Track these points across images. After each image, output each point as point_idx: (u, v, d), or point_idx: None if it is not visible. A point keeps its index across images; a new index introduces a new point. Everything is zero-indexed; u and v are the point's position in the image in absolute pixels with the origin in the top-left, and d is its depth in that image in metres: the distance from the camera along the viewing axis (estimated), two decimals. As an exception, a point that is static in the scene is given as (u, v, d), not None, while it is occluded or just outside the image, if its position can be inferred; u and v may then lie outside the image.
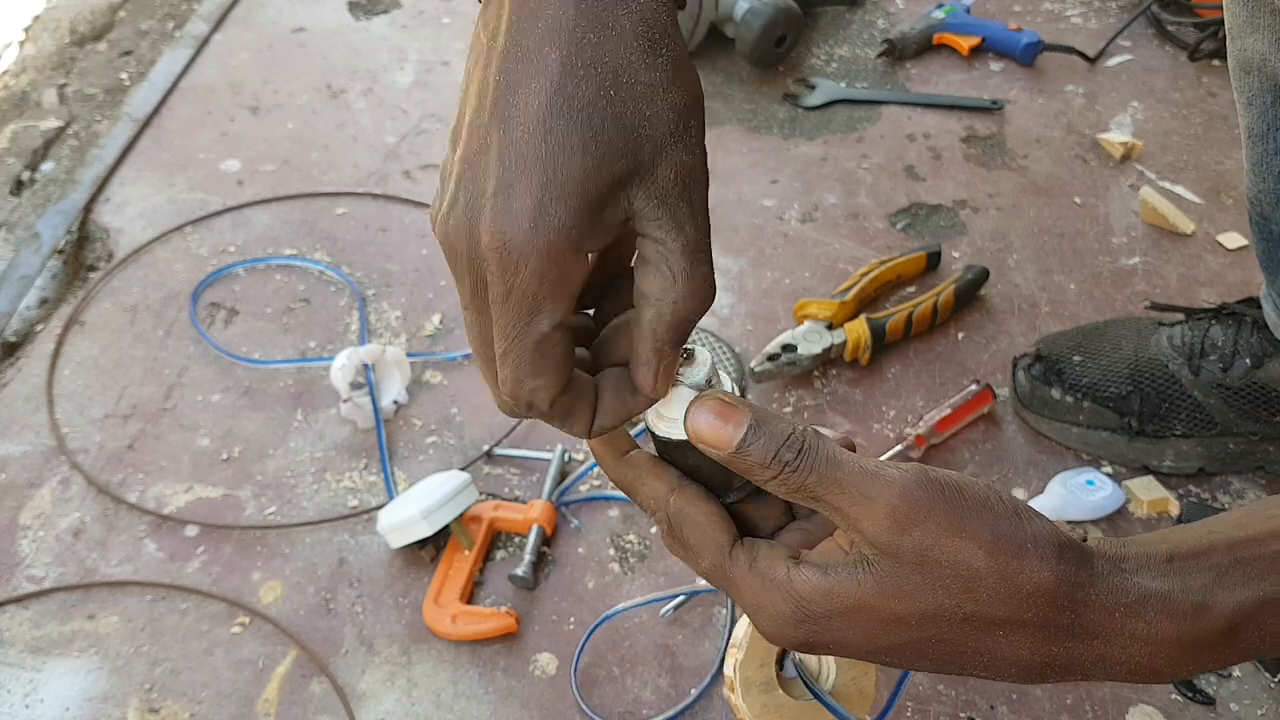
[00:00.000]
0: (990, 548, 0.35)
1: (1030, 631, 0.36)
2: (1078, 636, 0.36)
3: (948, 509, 0.35)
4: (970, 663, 0.37)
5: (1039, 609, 0.35)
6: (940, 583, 0.35)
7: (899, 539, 0.35)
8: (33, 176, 1.21)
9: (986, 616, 0.36)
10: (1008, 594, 0.35)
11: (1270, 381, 0.86)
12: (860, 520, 0.36)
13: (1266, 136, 0.77)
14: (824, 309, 1.00)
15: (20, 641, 0.80)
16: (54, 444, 0.92)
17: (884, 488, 0.36)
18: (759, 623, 0.39)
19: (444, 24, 1.45)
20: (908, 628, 0.37)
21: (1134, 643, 0.36)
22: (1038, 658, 0.37)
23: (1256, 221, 0.83)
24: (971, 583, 0.35)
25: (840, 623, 0.37)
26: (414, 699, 0.77)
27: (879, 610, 0.36)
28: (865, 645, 0.38)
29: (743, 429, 0.37)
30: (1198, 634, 0.36)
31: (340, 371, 0.91)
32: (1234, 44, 0.77)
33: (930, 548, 0.35)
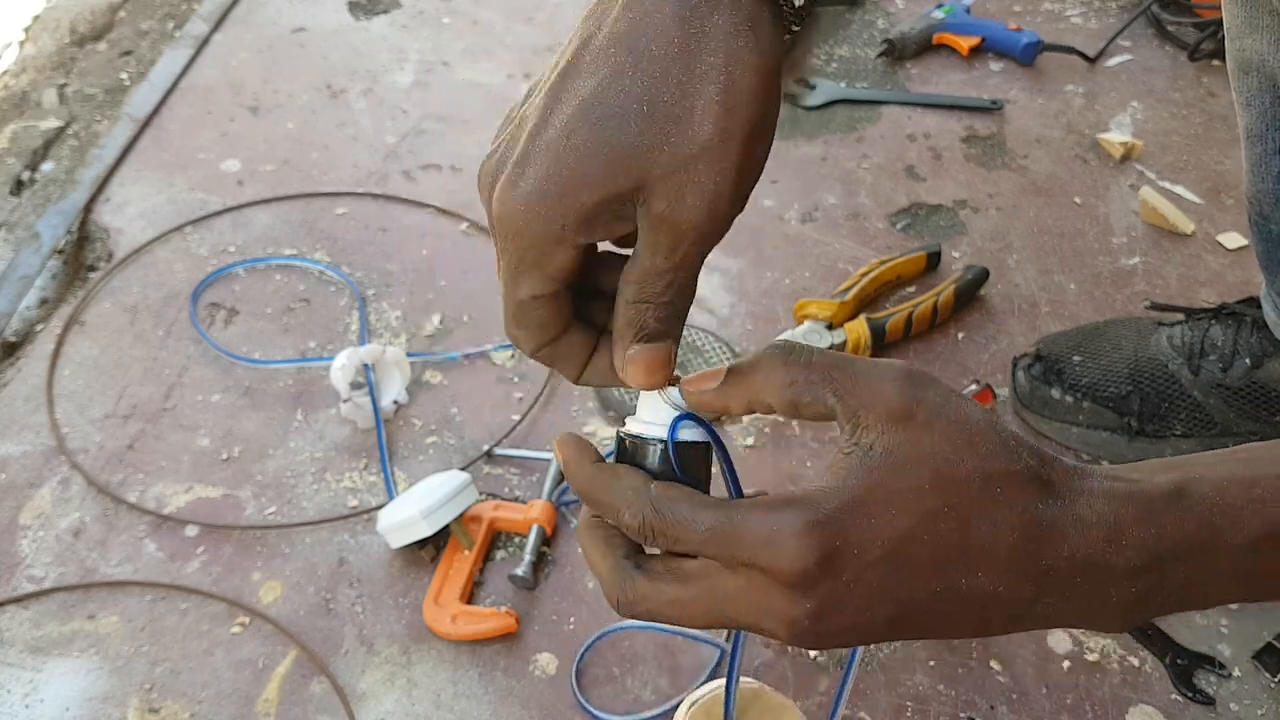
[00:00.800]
0: (981, 410, 0.38)
1: (1020, 485, 0.37)
2: (1053, 494, 0.37)
3: (946, 386, 0.39)
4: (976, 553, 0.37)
5: (1024, 459, 0.37)
6: (947, 438, 0.37)
7: (917, 394, 0.37)
8: (33, 176, 1.21)
9: (985, 471, 0.37)
10: (1001, 445, 0.37)
11: (1270, 381, 0.86)
12: (875, 392, 0.37)
13: (1265, 136, 0.77)
14: (824, 309, 1.01)
15: (20, 641, 0.80)
16: (54, 444, 0.92)
17: (889, 365, 0.38)
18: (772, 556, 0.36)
19: (444, 24, 1.45)
20: (921, 496, 0.36)
21: (1095, 498, 0.37)
22: (1030, 525, 0.37)
23: (1256, 221, 0.83)
24: (974, 435, 0.37)
25: (857, 518, 0.36)
26: (414, 699, 0.77)
27: (893, 491, 0.36)
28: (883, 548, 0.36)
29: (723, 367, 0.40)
30: (1145, 492, 0.38)
31: (340, 371, 0.91)
32: (1233, 44, 0.77)
33: (942, 404, 0.37)
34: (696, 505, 0.38)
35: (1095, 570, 0.37)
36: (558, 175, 0.37)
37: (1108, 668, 0.78)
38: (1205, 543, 0.38)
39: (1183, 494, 0.38)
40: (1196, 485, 0.38)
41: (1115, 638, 0.80)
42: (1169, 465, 0.40)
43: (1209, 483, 0.38)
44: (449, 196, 1.18)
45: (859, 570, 0.36)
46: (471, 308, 1.06)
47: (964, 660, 0.79)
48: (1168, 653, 0.79)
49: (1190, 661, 0.78)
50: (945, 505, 0.36)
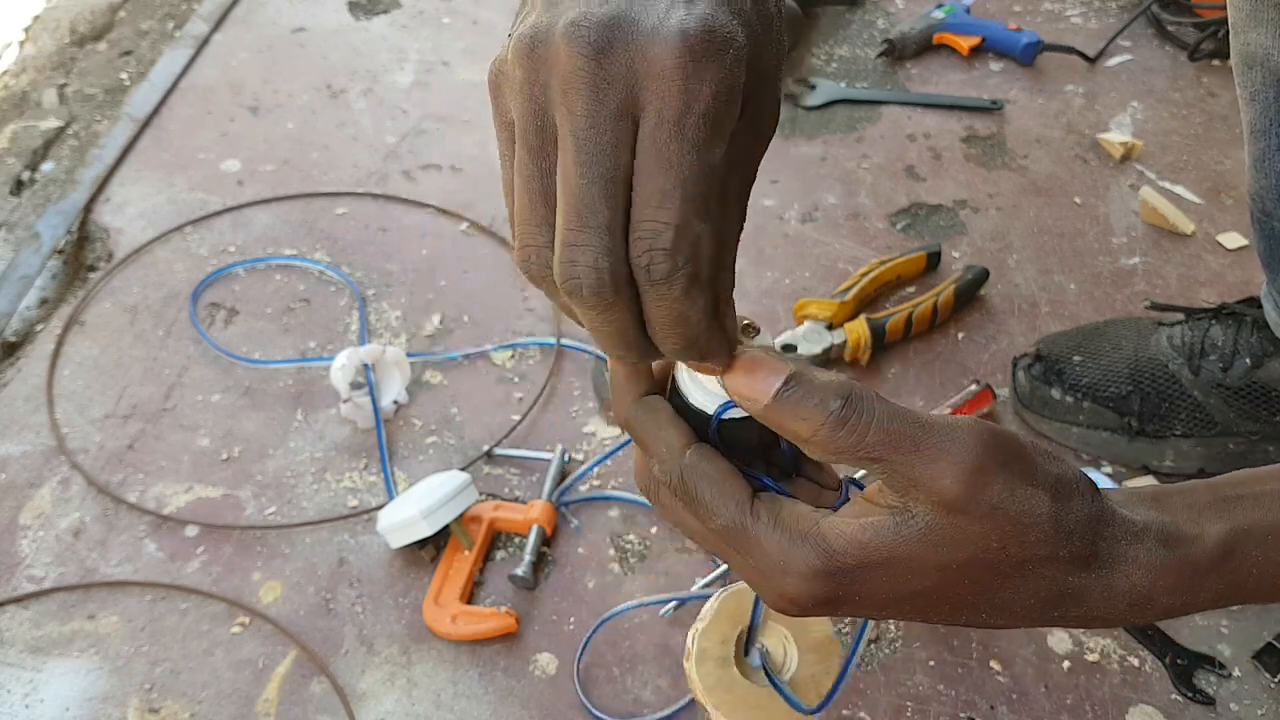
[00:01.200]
0: (1054, 491, 0.35)
1: (1057, 565, 0.36)
2: (1091, 566, 0.36)
3: (1022, 460, 0.35)
4: (988, 606, 0.37)
5: (1073, 544, 0.36)
6: (999, 531, 0.35)
7: (979, 493, 0.34)
8: (33, 176, 1.21)
9: (1027, 557, 0.35)
10: (1055, 533, 0.35)
11: (1270, 381, 0.86)
12: (934, 478, 0.34)
13: (1269, 132, 0.77)
14: (824, 309, 1.01)
15: (20, 641, 0.80)
16: (54, 444, 0.92)
17: (958, 441, 0.34)
18: (780, 582, 0.36)
19: (444, 24, 1.45)
20: (944, 574, 0.35)
21: (1136, 569, 0.36)
22: (1054, 592, 0.36)
23: (1258, 218, 0.83)
24: (1030, 529, 0.35)
25: (872, 574, 0.35)
26: (414, 699, 0.77)
27: (919, 560, 0.35)
28: (890, 596, 0.36)
29: (781, 377, 0.35)
30: (1193, 560, 0.37)
31: (340, 371, 0.91)
32: (1237, 39, 0.76)
33: (1006, 498, 0.34)
34: (721, 495, 0.36)
35: (1104, 621, 0.38)
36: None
37: (1108, 668, 0.78)
38: (1229, 599, 0.38)
39: (1229, 556, 0.37)
40: (1243, 543, 0.37)
41: (1115, 637, 0.80)
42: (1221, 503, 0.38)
43: (1255, 538, 0.37)
44: (449, 196, 1.18)
45: (860, 609, 0.37)
46: (471, 308, 1.06)
47: (964, 660, 0.79)
48: (1168, 653, 0.79)
49: (1190, 661, 0.78)
50: (966, 579, 0.36)
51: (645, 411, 0.38)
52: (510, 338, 1.02)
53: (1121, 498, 0.38)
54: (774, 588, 0.36)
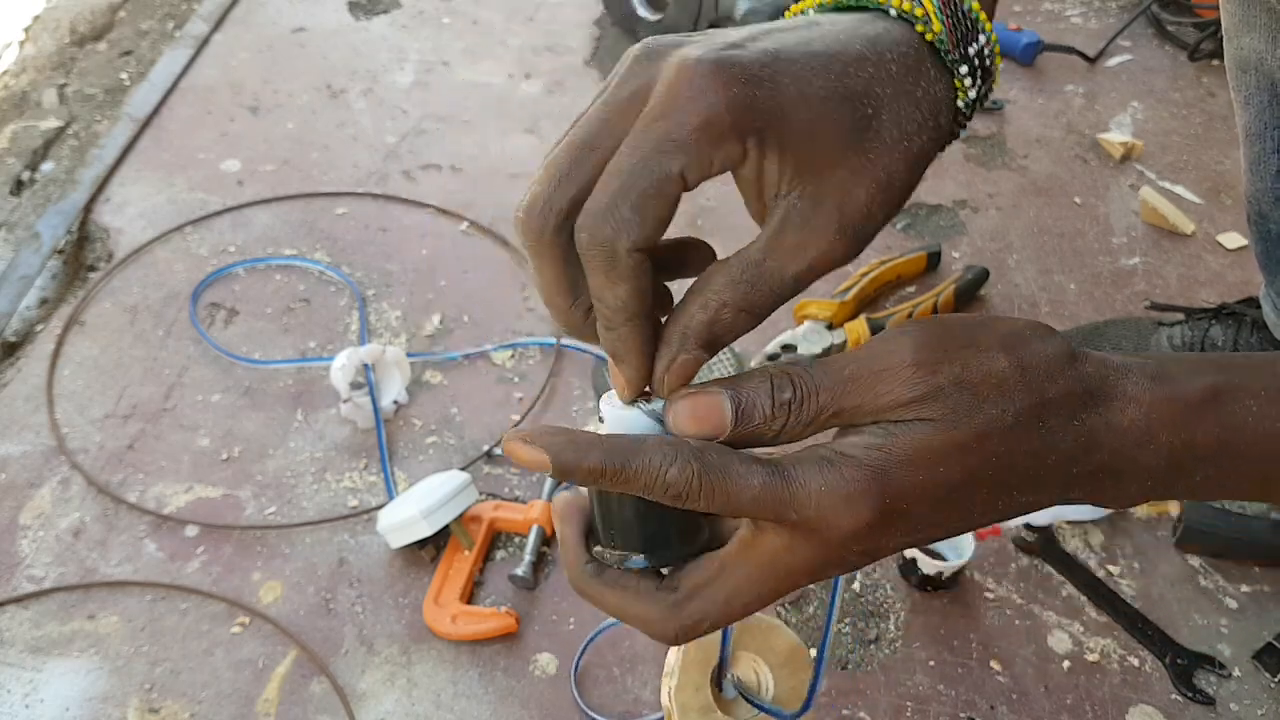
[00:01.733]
0: (1002, 345, 0.36)
1: (1060, 409, 0.37)
2: (1087, 403, 0.37)
3: (955, 336, 0.36)
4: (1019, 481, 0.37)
5: (1056, 381, 0.36)
6: (980, 397, 0.36)
7: (933, 379, 0.35)
8: (33, 176, 1.21)
9: (1025, 411, 0.36)
10: (1031, 379, 0.36)
11: (1270, 381, 0.86)
12: (890, 393, 0.35)
13: (1264, 135, 0.77)
14: (824, 309, 1.01)
15: (20, 641, 0.80)
16: (54, 444, 0.92)
17: (892, 353, 0.36)
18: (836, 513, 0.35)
19: (444, 24, 1.45)
20: (968, 452, 0.36)
21: (1130, 403, 0.37)
22: (1067, 443, 0.37)
23: (1255, 220, 0.83)
24: (1003, 384, 0.36)
25: (913, 470, 0.35)
26: (414, 699, 0.77)
27: (939, 444, 0.35)
28: (942, 491, 0.36)
29: (725, 401, 0.36)
30: (1181, 395, 0.37)
31: (340, 371, 0.91)
32: (1230, 43, 0.76)
33: (960, 372, 0.36)
34: (744, 460, 0.36)
35: (1122, 472, 0.38)
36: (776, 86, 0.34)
37: (1108, 668, 0.78)
38: (1230, 451, 0.38)
39: (1218, 400, 0.38)
40: (1233, 392, 0.38)
41: (1115, 637, 0.80)
42: (1208, 365, 0.39)
43: (1247, 391, 0.38)
44: (449, 196, 1.18)
45: (909, 520, 0.36)
46: (471, 308, 1.06)
47: (964, 660, 0.79)
48: (1168, 653, 0.79)
49: (1190, 661, 0.78)
50: (992, 454, 0.36)
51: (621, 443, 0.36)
52: (510, 338, 1.02)
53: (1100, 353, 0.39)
54: (836, 519, 0.36)
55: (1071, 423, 0.37)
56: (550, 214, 0.35)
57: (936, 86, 0.39)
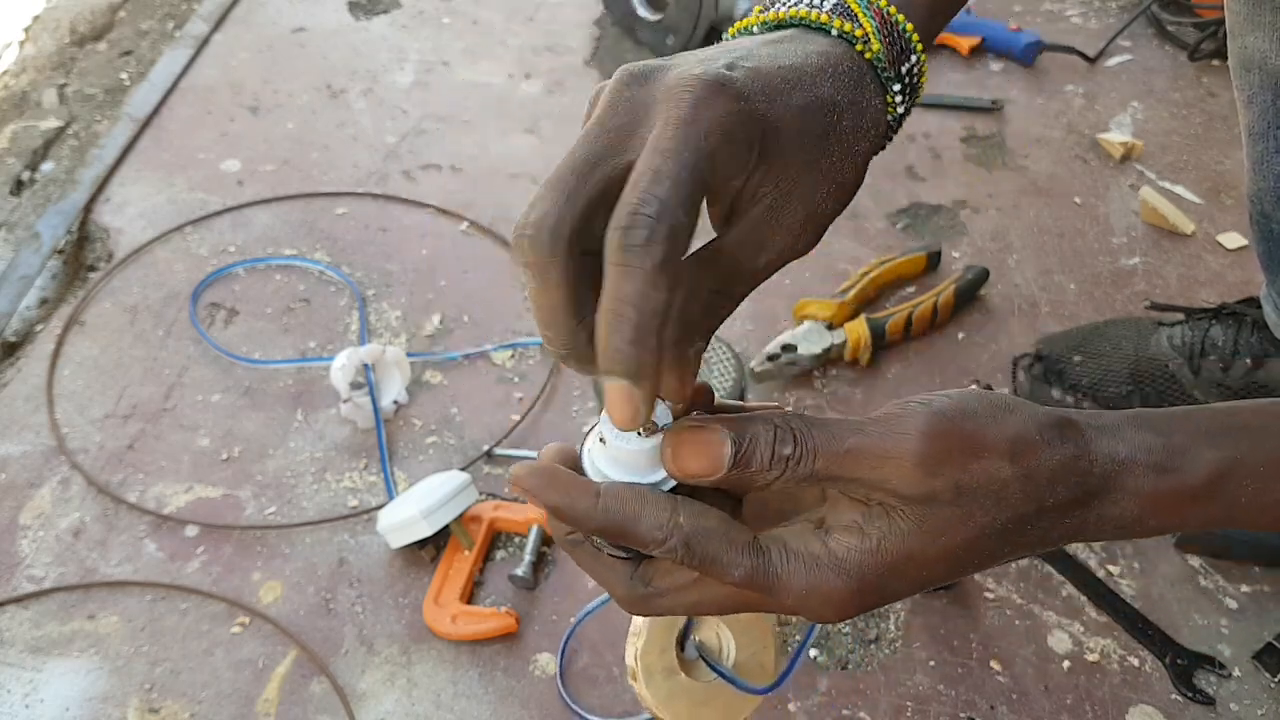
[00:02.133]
0: (1010, 453, 0.37)
1: (1051, 513, 0.38)
2: (1084, 503, 0.38)
3: (965, 436, 0.36)
4: (998, 559, 0.39)
5: (1057, 491, 0.37)
6: (976, 505, 0.36)
7: (932, 483, 0.36)
8: (33, 176, 1.21)
9: (1019, 517, 0.37)
10: (1033, 489, 0.37)
11: (1270, 381, 0.86)
12: (887, 482, 0.36)
13: (1267, 135, 0.77)
14: (824, 309, 1.01)
15: (20, 641, 0.80)
16: (54, 444, 0.92)
17: (898, 441, 0.36)
18: (812, 609, 0.37)
19: (444, 24, 1.45)
20: (954, 558, 0.37)
21: (1126, 497, 0.38)
22: (1056, 532, 0.38)
23: (1257, 220, 0.83)
24: (1002, 493, 0.37)
25: (893, 577, 0.37)
26: (414, 699, 0.77)
27: (926, 552, 0.37)
28: (914, 584, 0.38)
29: (726, 445, 0.36)
30: (1181, 487, 0.38)
31: (340, 371, 0.91)
32: (1234, 42, 0.76)
33: (961, 479, 0.36)
34: (732, 546, 0.37)
35: (1098, 537, 0.39)
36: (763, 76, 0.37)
37: (1108, 668, 0.78)
38: (1219, 524, 0.39)
39: (1219, 484, 0.38)
40: (1235, 472, 0.38)
41: (1115, 637, 0.80)
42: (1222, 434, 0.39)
43: (1248, 469, 0.38)
44: (449, 196, 1.18)
45: (892, 599, 0.39)
46: (471, 308, 1.06)
47: (964, 660, 0.79)
48: (1168, 653, 0.79)
49: (1190, 661, 0.78)
50: (977, 556, 0.37)
51: (619, 503, 0.37)
52: (510, 338, 1.02)
53: (1116, 420, 0.39)
54: (811, 613, 0.38)
55: (1063, 520, 0.38)
56: (563, 229, 0.34)
57: (875, 100, 0.42)
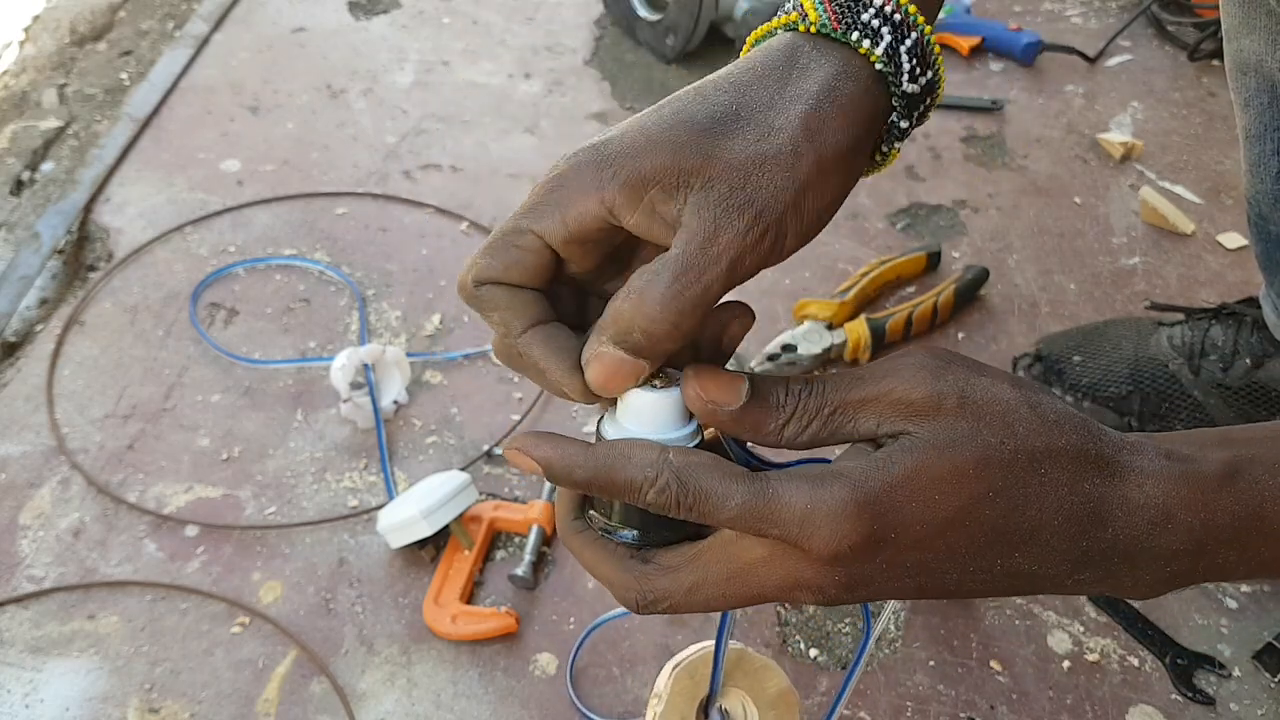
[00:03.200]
0: (1012, 383, 0.37)
1: (1066, 464, 0.35)
2: (1102, 471, 0.36)
3: (966, 360, 0.37)
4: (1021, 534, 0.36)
5: (1068, 435, 0.36)
6: (982, 421, 0.35)
7: (938, 385, 0.35)
8: (33, 176, 1.21)
9: (1028, 450, 0.35)
10: (1040, 422, 0.36)
11: (1270, 381, 0.86)
12: (894, 390, 0.36)
13: (1264, 137, 0.77)
14: (824, 309, 1.01)
15: (20, 641, 0.80)
16: (54, 444, 0.92)
17: (903, 363, 0.36)
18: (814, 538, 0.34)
19: (444, 24, 1.45)
20: (965, 481, 0.35)
21: (1147, 479, 0.36)
22: (1077, 505, 0.36)
23: (1255, 222, 0.83)
24: (1008, 415, 0.35)
25: (906, 495, 0.35)
26: (414, 699, 0.77)
27: (936, 468, 0.35)
28: (924, 529, 0.35)
29: (744, 380, 0.36)
30: (1200, 474, 0.36)
31: (340, 371, 0.91)
32: (1230, 45, 0.77)
33: (965, 388, 0.36)
34: (726, 476, 0.36)
35: (1137, 553, 0.36)
36: (624, 140, 0.37)
37: (1108, 668, 0.78)
38: (1252, 529, 0.37)
39: (1236, 476, 0.36)
40: (1250, 467, 0.37)
41: (1115, 637, 0.80)
42: (1224, 439, 0.38)
43: (1263, 465, 0.37)
44: (449, 196, 1.18)
45: (896, 553, 0.35)
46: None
47: (964, 660, 0.79)
48: (1168, 653, 0.79)
49: (1190, 661, 0.78)
50: (989, 490, 0.35)
51: (606, 451, 0.37)
52: (510, 338, 1.02)
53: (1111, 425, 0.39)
54: (809, 545, 0.35)
55: (1080, 484, 0.35)
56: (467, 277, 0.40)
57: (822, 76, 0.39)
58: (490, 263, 0.38)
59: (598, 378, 0.37)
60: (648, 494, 0.36)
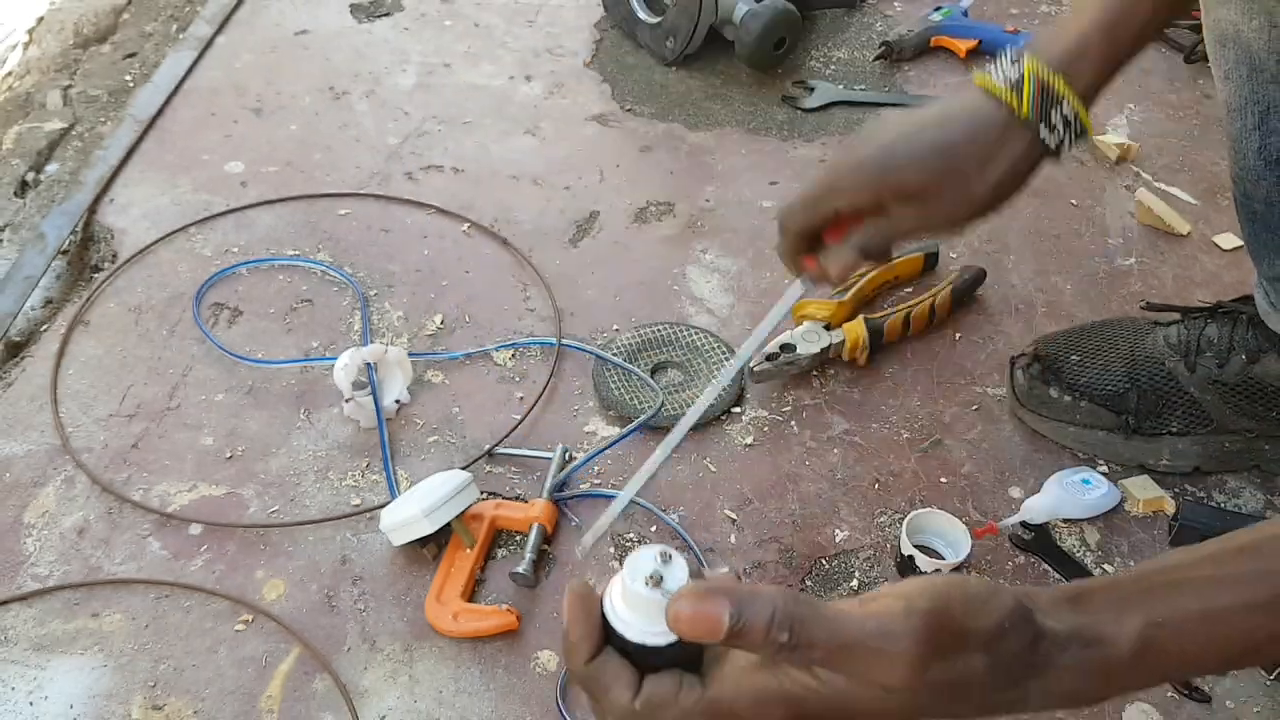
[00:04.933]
0: (985, 647, 0.40)
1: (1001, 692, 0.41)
2: (1029, 675, 0.41)
3: (952, 633, 0.39)
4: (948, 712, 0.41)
5: (1013, 671, 0.40)
6: (948, 693, 0.40)
7: (921, 677, 0.39)
8: (37, 177, 1.22)
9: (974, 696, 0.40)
10: (995, 674, 0.40)
11: (1266, 377, 0.87)
12: (879, 679, 0.39)
13: (1245, 110, 0.76)
14: (822, 309, 1.01)
15: (25, 639, 0.80)
16: (58, 443, 0.93)
17: (894, 640, 0.39)
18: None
19: (445, 26, 1.46)
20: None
21: (1065, 673, 0.41)
22: (999, 702, 0.41)
23: (1241, 202, 0.83)
24: (970, 683, 0.40)
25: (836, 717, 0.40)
26: (416, 696, 0.77)
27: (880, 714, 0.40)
28: None
29: (725, 618, 0.39)
30: (1110, 660, 0.41)
31: (343, 371, 0.92)
32: (1208, 16, 0.76)
33: (946, 671, 0.39)
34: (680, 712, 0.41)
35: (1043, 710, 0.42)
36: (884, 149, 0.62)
37: (1104, 664, 0.79)
38: (1152, 682, 0.43)
39: (1145, 652, 0.41)
40: (1159, 635, 0.41)
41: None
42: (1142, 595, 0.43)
43: (1172, 629, 0.42)
44: (450, 197, 1.18)
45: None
46: (473, 308, 1.06)
47: (961, 657, 0.79)
48: (1163, 650, 0.79)
49: (1186, 658, 0.79)
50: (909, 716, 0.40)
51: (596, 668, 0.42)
52: (511, 337, 1.03)
53: (1047, 603, 0.42)
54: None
55: (1008, 692, 0.41)
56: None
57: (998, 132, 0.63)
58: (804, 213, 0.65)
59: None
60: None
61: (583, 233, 1.15)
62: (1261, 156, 0.77)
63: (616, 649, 0.43)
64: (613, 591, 0.43)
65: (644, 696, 0.41)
